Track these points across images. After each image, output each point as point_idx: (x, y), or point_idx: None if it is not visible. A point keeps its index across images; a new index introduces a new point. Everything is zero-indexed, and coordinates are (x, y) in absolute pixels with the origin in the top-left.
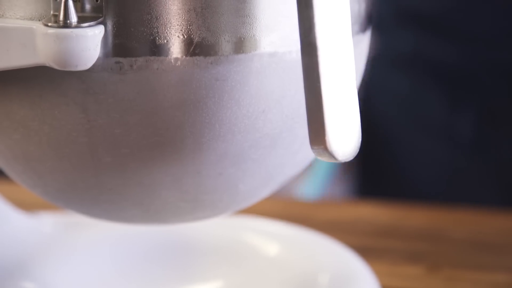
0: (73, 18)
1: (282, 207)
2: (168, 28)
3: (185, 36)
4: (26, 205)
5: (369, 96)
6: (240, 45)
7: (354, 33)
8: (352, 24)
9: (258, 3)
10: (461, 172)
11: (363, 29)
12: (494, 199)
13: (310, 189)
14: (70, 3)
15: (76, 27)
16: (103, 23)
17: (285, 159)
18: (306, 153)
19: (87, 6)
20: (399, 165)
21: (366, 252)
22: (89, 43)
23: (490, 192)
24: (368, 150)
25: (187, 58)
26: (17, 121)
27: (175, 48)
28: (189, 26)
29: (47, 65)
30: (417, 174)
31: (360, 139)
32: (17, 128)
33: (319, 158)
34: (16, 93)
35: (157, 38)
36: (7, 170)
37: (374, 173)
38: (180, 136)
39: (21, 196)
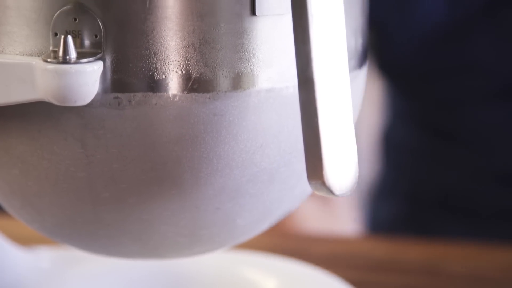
0: (73, 54)
1: (279, 241)
2: (167, 64)
3: (183, 72)
4: (23, 240)
5: None
6: (238, 80)
7: (351, 69)
8: (349, 59)
9: (256, 39)
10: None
11: (359, 65)
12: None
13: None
14: (70, 39)
15: (75, 63)
16: (102, 58)
17: (283, 193)
18: (303, 188)
19: (86, 42)
20: None
21: (363, 286)
22: (88, 78)
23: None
24: None
25: (185, 93)
26: (16, 156)
27: (174, 83)
28: (187, 61)
29: (46, 100)
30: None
31: (358, 174)
32: (16, 163)
33: (316, 192)
34: (15, 129)
35: (156, 73)
36: (5, 205)
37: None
38: (178, 171)
39: (19, 231)
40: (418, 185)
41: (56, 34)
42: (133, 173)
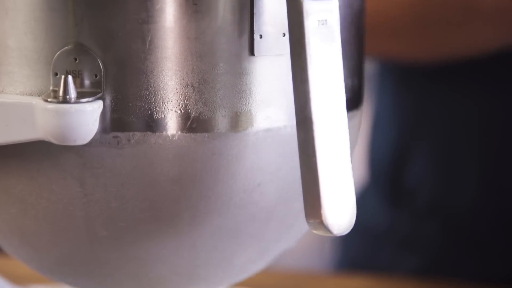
0: (73, 93)
1: (275, 279)
2: (166, 103)
3: (182, 111)
4: (21, 279)
5: None
6: (237, 120)
7: (348, 108)
8: (346, 100)
9: (254, 79)
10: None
11: (356, 104)
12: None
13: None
14: (70, 79)
15: (75, 102)
16: (102, 98)
17: (280, 232)
18: (301, 226)
19: (86, 82)
20: None
21: None
22: (88, 118)
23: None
24: None
25: (184, 132)
26: (15, 196)
27: (173, 122)
28: (186, 101)
29: (46, 139)
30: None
31: (355, 213)
32: (14, 203)
33: (314, 231)
34: (14, 168)
35: (155, 113)
36: (3, 244)
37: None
38: (177, 209)
39: (16, 270)
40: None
41: (56, 74)
42: (132, 212)
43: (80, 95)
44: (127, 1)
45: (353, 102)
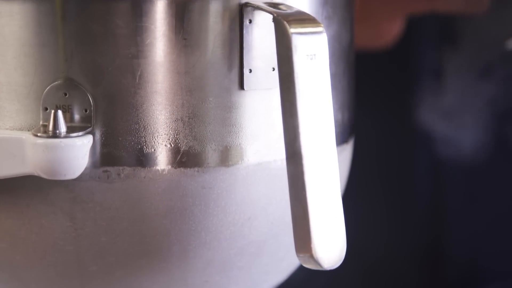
0: (62, 128)
1: None
2: (156, 137)
3: (172, 145)
4: None
5: None
6: (226, 154)
7: (338, 142)
8: (336, 134)
9: (244, 113)
10: None
11: (346, 138)
12: None
13: None
14: (60, 114)
15: (65, 137)
16: (92, 132)
17: (270, 266)
18: (291, 260)
19: (76, 116)
20: None
21: None
22: (78, 152)
23: None
24: None
25: (174, 166)
26: (4, 230)
27: (162, 156)
28: (176, 135)
29: (36, 174)
30: None
31: (345, 247)
32: (4, 237)
33: (305, 265)
34: (3, 203)
35: (145, 147)
36: None
37: None
38: (167, 243)
39: None
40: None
41: (46, 109)
42: (122, 246)
43: (70, 130)
44: (117, 36)
45: (343, 136)
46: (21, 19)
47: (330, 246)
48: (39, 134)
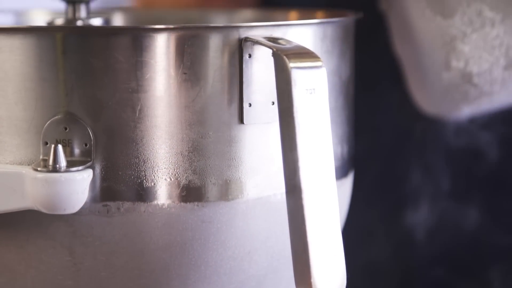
0: (62, 162)
1: None
2: (156, 171)
3: (172, 179)
4: None
5: None
6: (226, 188)
7: (338, 176)
8: (336, 167)
9: (244, 147)
10: None
11: (346, 172)
12: None
13: None
14: (60, 148)
15: (65, 171)
16: (92, 167)
17: None
18: None
19: (76, 151)
20: None
21: None
22: (78, 187)
23: None
24: None
25: (174, 200)
26: (3, 265)
27: (162, 191)
28: (176, 169)
29: (35, 209)
30: None
31: (346, 280)
32: (3, 272)
33: None
34: (3, 237)
35: (145, 181)
36: None
37: None
38: (166, 278)
39: None
40: None
41: (46, 143)
42: (121, 281)
43: (70, 164)
44: (117, 70)
45: (343, 169)
46: (22, 54)
47: (330, 280)
48: (39, 169)
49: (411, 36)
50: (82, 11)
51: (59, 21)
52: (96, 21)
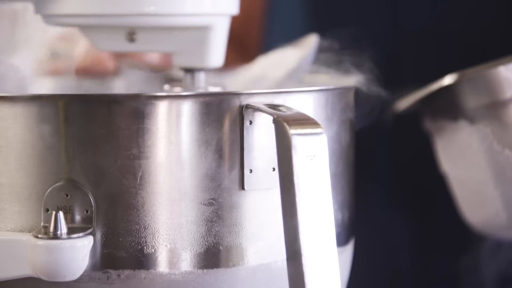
0: (63, 229)
1: None
2: (156, 238)
3: (173, 246)
4: None
5: None
6: (227, 254)
7: (339, 243)
8: (336, 234)
9: (245, 212)
10: None
11: (347, 239)
12: None
13: None
14: (61, 215)
15: (66, 238)
16: (93, 233)
17: None
18: None
19: (77, 217)
20: None
21: None
22: (78, 253)
23: None
24: None
25: (174, 267)
26: None
27: (163, 257)
28: (177, 235)
29: (36, 276)
30: None
31: None
32: None
33: None
34: None
35: (145, 247)
36: None
37: None
38: None
39: None
40: None
41: (47, 210)
42: None
43: (71, 231)
44: (118, 137)
45: (343, 236)
46: (24, 121)
47: None
48: (40, 236)
49: (467, 161)
50: (201, 80)
51: (177, 89)
52: (214, 89)
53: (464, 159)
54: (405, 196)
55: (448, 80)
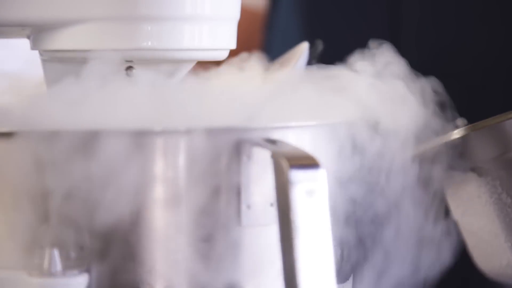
0: (58, 267)
1: None
2: (153, 275)
3: (169, 283)
4: None
5: None
6: None
7: (338, 281)
8: (336, 271)
9: (242, 249)
10: None
11: (347, 276)
12: None
13: None
14: (56, 253)
15: (60, 276)
16: (88, 270)
17: None
18: None
19: (72, 255)
20: None
21: None
22: None
23: None
24: None
25: None
26: None
27: None
28: (174, 272)
29: None
30: None
31: None
32: None
33: None
34: None
35: (141, 285)
36: None
37: None
38: None
39: None
40: None
41: (41, 247)
42: None
43: (66, 268)
44: (114, 173)
45: (343, 273)
46: (18, 157)
47: None
48: (34, 274)
49: (477, 212)
50: None
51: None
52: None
53: (474, 210)
54: None
55: (456, 134)
